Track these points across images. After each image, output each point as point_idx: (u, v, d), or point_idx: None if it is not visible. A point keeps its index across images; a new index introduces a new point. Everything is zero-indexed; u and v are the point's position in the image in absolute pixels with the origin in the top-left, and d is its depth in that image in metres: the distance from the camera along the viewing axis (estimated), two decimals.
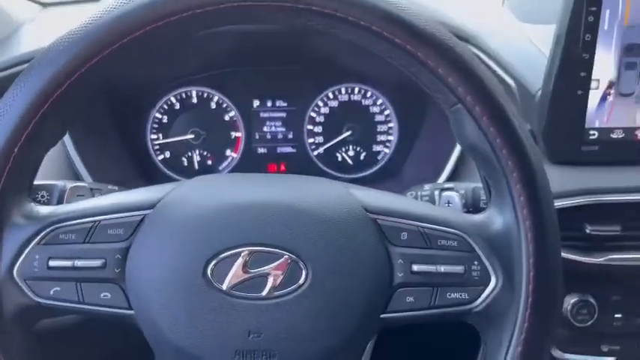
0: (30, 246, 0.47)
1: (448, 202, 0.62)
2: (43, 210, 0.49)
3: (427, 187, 0.69)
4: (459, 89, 0.48)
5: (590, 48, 0.69)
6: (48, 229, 0.48)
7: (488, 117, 0.48)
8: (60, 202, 0.63)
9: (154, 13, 0.44)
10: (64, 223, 0.48)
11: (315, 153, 0.99)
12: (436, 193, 0.66)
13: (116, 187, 0.69)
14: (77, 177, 0.80)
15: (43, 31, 0.96)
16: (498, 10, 1.01)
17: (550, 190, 0.49)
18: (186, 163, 0.97)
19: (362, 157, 0.99)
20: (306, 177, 0.55)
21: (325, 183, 0.54)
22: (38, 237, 0.47)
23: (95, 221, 0.48)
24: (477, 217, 0.52)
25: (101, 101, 0.87)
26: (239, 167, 0.98)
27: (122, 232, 0.48)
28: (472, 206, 0.65)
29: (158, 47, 0.48)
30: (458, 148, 0.81)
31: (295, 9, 0.45)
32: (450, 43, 0.48)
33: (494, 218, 0.50)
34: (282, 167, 0.99)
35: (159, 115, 0.96)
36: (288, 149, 0.99)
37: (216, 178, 0.57)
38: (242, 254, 0.46)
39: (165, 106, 0.95)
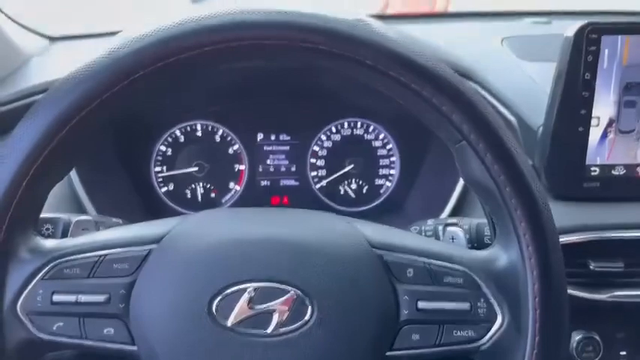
0: (34, 281, 0.47)
1: (452, 238, 0.63)
2: (48, 244, 0.49)
3: (430, 222, 0.69)
4: (463, 126, 0.49)
5: (590, 86, 0.71)
6: (52, 264, 0.47)
7: (492, 154, 0.48)
8: (64, 235, 0.62)
9: (164, 50, 0.45)
10: (69, 258, 0.47)
11: (318, 186, 0.99)
12: (440, 228, 0.66)
13: (120, 221, 0.69)
14: (81, 210, 0.80)
15: (52, 65, 0.98)
16: (498, 48, 1.02)
17: (555, 227, 0.49)
18: (189, 196, 0.97)
19: (364, 191, 0.99)
20: (311, 211, 0.55)
21: (330, 218, 0.55)
22: (42, 271, 0.47)
23: (100, 255, 0.48)
24: (482, 254, 0.51)
25: (106, 135, 0.88)
26: (242, 200, 0.98)
27: (127, 267, 0.48)
28: (476, 241, 0.64)
29: (168, 83, 0.48)
30: (461, 183, 0.82)
31: (301, 48, 0.46)
32: (453, 81, 0.48)
33: (500, 255, 0.50)
34: (285, 200, 0.99)
35: (163, 148, 0.96)
36: (291, 182, 0.99)
37: (221, 212, 0.57)
38: (247, 290, 0.45)
39: (170, 139, 0.96)
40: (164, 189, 0.97)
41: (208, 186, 0.97)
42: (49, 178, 0.48)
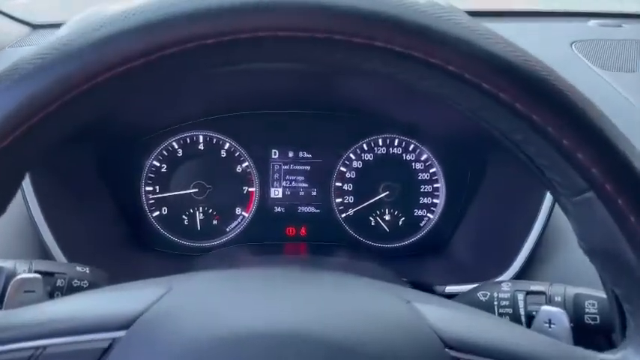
0: None
1: (550, 322, 0.45)
2: None
3: (506, 287, 0.51)
4: (593, 171, 0.34)
5: None
6: None
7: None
8: (2, 295, 0.46)
9: (149, 42, 0.31)
10: None
11: (344, 215, 0.84)
12: (519, 297, 0.49)
13: (87, 269, 0.53)
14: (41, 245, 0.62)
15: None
16: (568, 53, 0.85)
17: None
18: (186, 222, 0.82)
19: (400, 223, 0.84)
20: (350, 280, 0.40)
21: (379, 293, 0.39)
22: None
23: (37, 348, 0.33)
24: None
25: (84, 147, 0.71)
26: (250, 229, 0.83)
27: None
28: (574, 321, 0.47)
29: (158, 83, 0.34)
30: (537, 227, 0.63)
31: (371, 47, 0.31)
32: (581, 103, 0.33)
33: None
34: (303, 231, 0.84)
35: (157, 164, 0.81)
36: (311, 209, 0.84)
37: (223, 279, 0.41)
38: None
39: (165, 153, 0.81)
40: (155, 213, 0.82)
41: (210, 211, 0.82)
42: None
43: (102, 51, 0.31)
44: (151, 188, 0.81)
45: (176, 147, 0.81)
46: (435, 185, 0.83)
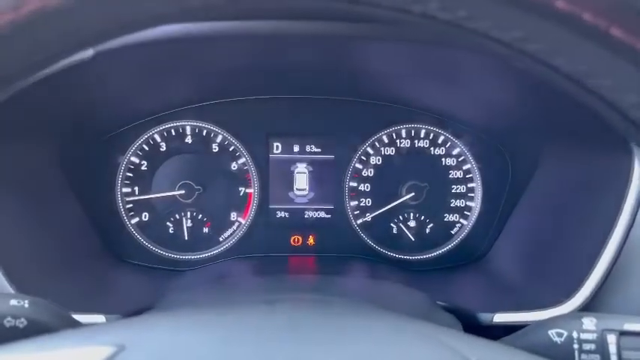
0: None
1: None
2: None
3: (590, 324, 0.38)
4: None
5: None
6: None
7: None
8: None
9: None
10: None
11: (360, 221, 0.72)
12: (610, 339, 0.37)
13: (25, 302, 0.40)
14: None
15: None
16: None
17: None
18: (172, 231, 0.71)
19: (428, 231, 0.72)
20: (391, 334, 0.30)
21: (437, 354, 0.26)
22: None
23: None
24: None
25: (45, 141, 0.58)
26: (249, 237, 0.71)
27: None
28: None
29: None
30: (614, 242, 0.49)
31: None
32: None
33: None
34: (311, 240, 0.73)
35: (135, 160, 0.70)
36: (321, 215, 0.73)
37: (200, 335, 0.28)
38: None
39: (146, 147, 0.70)
40: (134, 220, 0.71)
41: (199, 217, 0.71)
42: None
43: None
44: (128, 190, 0.69)
45: (158, 140, 0.69)
46: (470, 185, 0.71)
